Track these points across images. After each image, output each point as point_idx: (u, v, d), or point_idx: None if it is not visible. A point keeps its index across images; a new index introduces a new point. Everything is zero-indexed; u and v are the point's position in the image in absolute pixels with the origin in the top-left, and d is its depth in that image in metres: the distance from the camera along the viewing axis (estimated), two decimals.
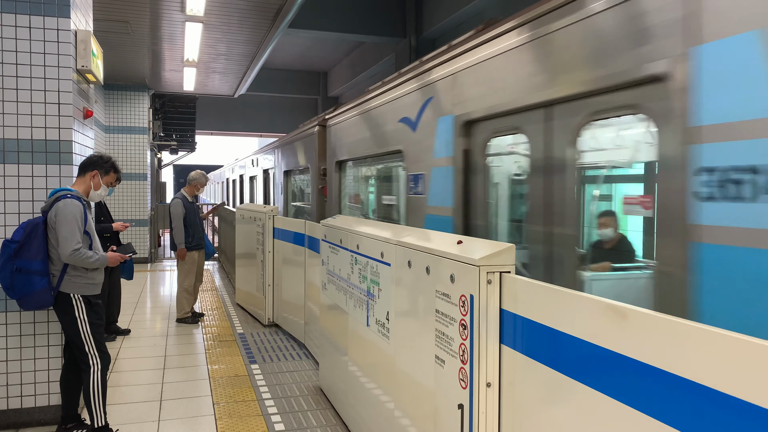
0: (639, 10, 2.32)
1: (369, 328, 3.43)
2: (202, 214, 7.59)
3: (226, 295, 9.01)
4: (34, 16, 3.87)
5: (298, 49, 16.86)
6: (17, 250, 3.48)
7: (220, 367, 5.31)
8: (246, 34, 8.62)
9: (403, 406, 2.94)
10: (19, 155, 3.88)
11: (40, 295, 3.51)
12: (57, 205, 3.52)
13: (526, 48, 3.08)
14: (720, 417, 1.31)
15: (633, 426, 1.56)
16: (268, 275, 6.77)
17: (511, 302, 2.13)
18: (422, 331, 2.68)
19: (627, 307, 1.60)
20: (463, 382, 2.28)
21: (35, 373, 3.96)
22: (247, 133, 22.03)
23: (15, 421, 3.93)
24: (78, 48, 4.11)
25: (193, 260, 7.06)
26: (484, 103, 3.48)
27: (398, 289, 3.00)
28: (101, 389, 3.61)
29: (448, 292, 2.41)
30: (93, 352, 3.60)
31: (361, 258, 3.53)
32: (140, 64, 10.34)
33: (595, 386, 1.71)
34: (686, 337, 1.40)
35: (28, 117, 3.89)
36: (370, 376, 3.47)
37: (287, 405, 4.37)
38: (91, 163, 3.80)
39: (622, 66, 2.41)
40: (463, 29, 10.95)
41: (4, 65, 3.83)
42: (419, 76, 4.52)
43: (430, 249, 2.62)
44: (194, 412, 4.26)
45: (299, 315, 5.95)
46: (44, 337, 3.96)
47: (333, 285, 4.18)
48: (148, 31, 8.35)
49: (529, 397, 2.04)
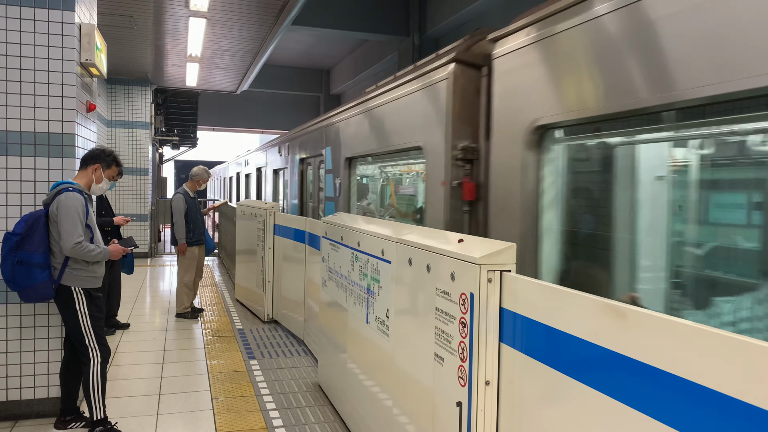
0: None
1: (368, 325, 3.44)
2: (204, 209, 7.60)
3: (226, 290, 9.02)
4: (38, 9, 3.87)
5: (301, 46, 16.84)
6: (19, 243, 3.48)
7: (219, 362, 5.31)
8: (249, 31, 8.62)
9: (402, 404, 2.94)
10: (21, 148, 3.89)
11: (41, 287, 3.52)
12: (59, 198, 3.53)
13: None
14: (717, 417, 1.32)
15: (631, 425, 1.57)
16: (268, 272, 6.78)
17: (511, 301, 2.13)
18: (422, 329, 2.68)
19: (626, 306, 1.61)
20: (462, 380, 2.29)
21: (35, 365, 3.97)
22: (249, 129, 22.03)
23: (14, 413, 3.94)
24: (82, 41, 4.12)
25: (194, 255, 7.07)
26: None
27: (398, 286, 3.00)
28: (101, 382, 3.62)
29: (449, 290, 2.42)
30: (93, 345, 3.61)
31: (362, 255, 3.54)
32: (143, 58, 10.34)
33: (594, 385, 1.71)
34: (685, 337, 1.41)
35: (31, 110, 3.89)
36: (369, 373, 3.48)
37: (285, 401, 4.38)
38: (94, 156, 3.80)
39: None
40: (467, 28, 10.96)
41: (9, 58, 3.83)
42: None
43: (430, 247, 2.62)
44: (193, 406, 4.27)
45: (299, 312, 5.95)
46: (44, 329, 3.97)
47: (333, 282, 4.19)
48: (151, 26, 8.35)
49: (528, 395, 2.04)
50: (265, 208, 6.82)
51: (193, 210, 7.02)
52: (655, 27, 2.17)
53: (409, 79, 4.32)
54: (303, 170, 8.40)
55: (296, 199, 8.64)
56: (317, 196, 7.53)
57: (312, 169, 7.81)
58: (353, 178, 5.93)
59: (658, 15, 2.16)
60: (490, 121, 3.36)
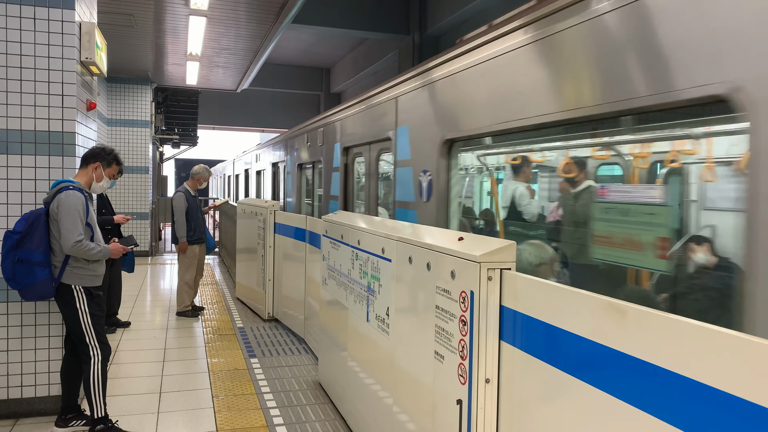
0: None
1: (369, 323, 3.44)
2: (204, 208, 7.61)
3: (227, 289, 9.02)
4: (38, 8, 3.87)
5: (302, 44, 16.83)
6: (19, 241, 3.49)
7: (220, 360, 5.32)
8: (250, 29, 8.61)
9: (402, 402, 2.95)
10: (22, 146, 3.89)
11: (41, 286, 3.52)
12: (59, 196, 3.53)
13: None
14: (717, 415, 1.32)
15: (631, 423, 1.57)
16: (269, 270, 6.79)
17: (511, 299, 2.13)
18: (422, 327, 2.69)
19: (626, 304, 1.61)
20: (462, 378, 2.29)
21: (36, 364, 3.97)
22: (249, 128, 22.03)
23: (15, 411, 3.95)
24: (82, 40, 4.12)
25: (195, 254, 7.08)
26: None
27: (398, 284, 3.01)
28: (101, 380, 3.62)
29: (449, 288, 2.42)
30: (94, 344, 3.61)
31: (362, 254, 3.54)
32: (143, 57, 10.33)
33: (594, 383, 1.71)
34: (685, 335, 1.41)
35: (31, 108, 3.90)
36: (369, 371, 3.48)
37: (286, 399, 4.39)
38: (94, 155, 3.80)
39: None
40: (467, 27, 10.94)
41: (9, 56, 3.83)
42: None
43: (431, 245, 2.63)
44: (193, 404, 4.28)
45: (299, 310, 5.96)
46: (45, 327, 3.97)
47: (333, 280, 4.19)
48: (151, 24, 8.34)
49: (528, 393, 2.05)
50: (265, 207, 6.83)
51: (194, 208, 7.03)
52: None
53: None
54: (349, 163, 6.25)
55: (337, 201, 6.41)
56: (373, 200, 5.53)
57: (367, 162, 5.66)
58: (456, 172, 3.91)
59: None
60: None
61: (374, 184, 5.49)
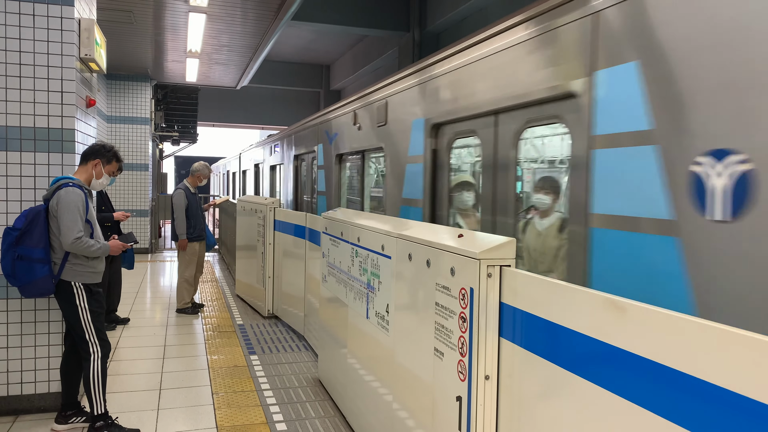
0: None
1: (368, 320, 3.44)
2: (204, 206, 7.61)
3: (226, 286, 9.03)
4: (38, 4, 3.86)
5: (302, 41, 16.80)
6: (19, 238, 3.49)
7: (220, 357, 5.33)
8: (249, 26, 8.60)
9: (402, 398, 2.95)
10: (21, 143, 3.89)
11: (41, 282, 3.52)
12: (59, 193, 3.53)
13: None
14: (717, 411, 1.32)
15: (630, 419, 1.57)
16: (269, 267, 6.79)
17: (511, 296, 2.13)
18: (422, 324, 2.69)
19: (626, 301, 1.61)
20: (462, 375, 2.29)
21: (35, 360, 3.98)
22: (249, 125, 22.02)
23: (15, 408, 3.95)
24: (81, 36, 4.11)
25: (194, 251, 7.08)
26: None
27: (398, 281, 3.01)
28: (101, 377, 3.62)
29: (448, 285, 2.42)
30: (93, 340, 3.61)
31: (362, 250, 3.54)
32: (143, 54, 10.32)
33: (593, 380, 1.72)
34: (684, 332, 1.41)
35: (31, 105, 3.89)
36: (369, 368, 3.49)
37: (286, 396, 4.39)
38: (94, 151, 3.80)
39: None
40: (468, 24, 10.93)
41: (8, 53, 3.83)
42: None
43: (430, 242, 2.62)
44: (193, 401, 4.28)
45: (299, 307, 5.96)
46: (45, 324, 3.98)
47: (333, 277, 4.19)
48: (151, 21, 8.33)
49: (528, 389, 2.05)
50: (265, 204, 6.83)
51: (194, 206, 7.04)
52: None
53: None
54: (440, 149, 4.10)
55: (416, 206, 4.39)
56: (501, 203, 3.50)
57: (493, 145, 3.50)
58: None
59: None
60: None
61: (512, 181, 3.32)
